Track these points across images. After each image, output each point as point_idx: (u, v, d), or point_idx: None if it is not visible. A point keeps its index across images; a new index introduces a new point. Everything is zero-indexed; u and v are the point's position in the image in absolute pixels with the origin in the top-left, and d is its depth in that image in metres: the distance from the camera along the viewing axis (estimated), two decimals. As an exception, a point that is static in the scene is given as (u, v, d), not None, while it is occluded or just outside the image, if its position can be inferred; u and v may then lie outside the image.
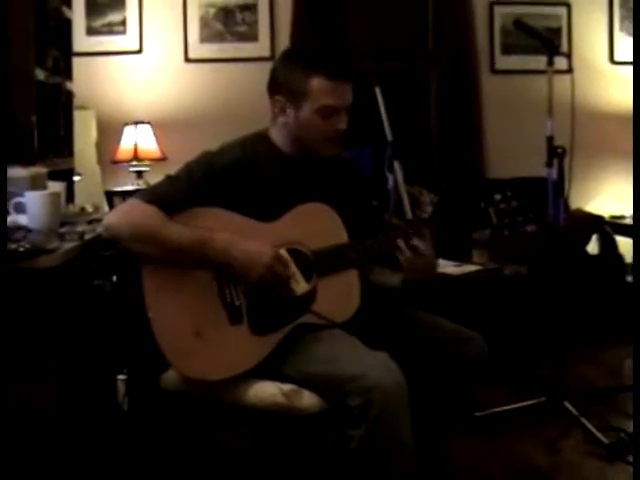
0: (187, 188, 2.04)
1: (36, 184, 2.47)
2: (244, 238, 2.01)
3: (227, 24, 4.95)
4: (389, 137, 4.11)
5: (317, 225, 2.11)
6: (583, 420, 2.93)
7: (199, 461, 2.70)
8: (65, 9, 3.57)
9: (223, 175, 2.06)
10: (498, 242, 4.14)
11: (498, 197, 2.12)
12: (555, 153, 2.98)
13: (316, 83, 2.04)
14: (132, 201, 2.06)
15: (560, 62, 3.19)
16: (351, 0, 5.23)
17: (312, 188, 2.15)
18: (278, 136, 2.16)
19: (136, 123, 4.73)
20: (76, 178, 3.68)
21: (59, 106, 3.43)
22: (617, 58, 5.20)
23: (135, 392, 2.69)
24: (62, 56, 3.47)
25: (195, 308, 2.00)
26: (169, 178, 2.10)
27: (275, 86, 2.12)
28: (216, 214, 2.05)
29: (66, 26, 3.61)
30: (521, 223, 2.13)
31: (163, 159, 4.71)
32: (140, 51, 4.94)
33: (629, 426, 2.92)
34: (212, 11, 4.94)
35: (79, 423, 2.13)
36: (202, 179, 2.05)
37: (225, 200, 2.05)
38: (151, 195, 2.04)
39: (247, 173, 2.09)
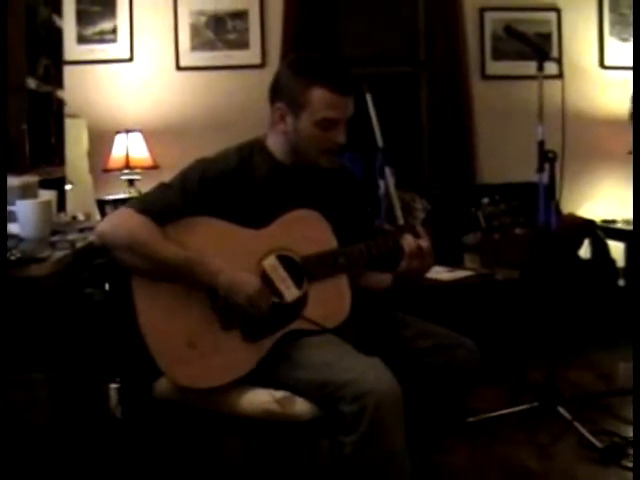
0: (181, 197, 2.03)
1: (27, 193, 2.47)
2: (234, 263, 2.01)
3: (218, 32, 4.95)
4: (380, 143, 4.12)
5: (306, 231, 2.11)
6: (576, 424, 2.94)
7: (192, 469, 2.69)
8: (56, 18, 3.57)
9: (217, 183, 2.06)
10: (489, 246, 4.14)
11: (486, 201, 2.13)
12: (546, 158, 2.99)
13: (318, 94, 2.03)
14: (125, 210, 2.05)
15: (550, 67, 3.22)
16: (342, 7, 5.25)
17: (306, 196, 2.15)
18: (275, 144, 2.16)
19: (127, 131, 4.72)
20: (67, 187, 3.67)
21: (50, 114, 3.42)
22: (607, 63, 5.20)
23: (128, 400, 2.68)
24: (53, 64, 3.46)
25: (187, 315, 2.00)
26: (163, 186, 2.09)
27: (277, 93, 2.11)
28: (207, 223, 2.05)
29: (57, 35, 3.61)
30: (510, 226, 2.13)
31: (155, 167, 4.70)
32: (131, 59, 4.93)
33: (622, 430, 2.93)
34: (203, 19, 4.94)
35: (72, 432, 2.12)
36: (196, 188, 2.04)
37: (218, 207, 2.05)
38: (144, 204, 2.03)
39: (241, 181, 2.09)
